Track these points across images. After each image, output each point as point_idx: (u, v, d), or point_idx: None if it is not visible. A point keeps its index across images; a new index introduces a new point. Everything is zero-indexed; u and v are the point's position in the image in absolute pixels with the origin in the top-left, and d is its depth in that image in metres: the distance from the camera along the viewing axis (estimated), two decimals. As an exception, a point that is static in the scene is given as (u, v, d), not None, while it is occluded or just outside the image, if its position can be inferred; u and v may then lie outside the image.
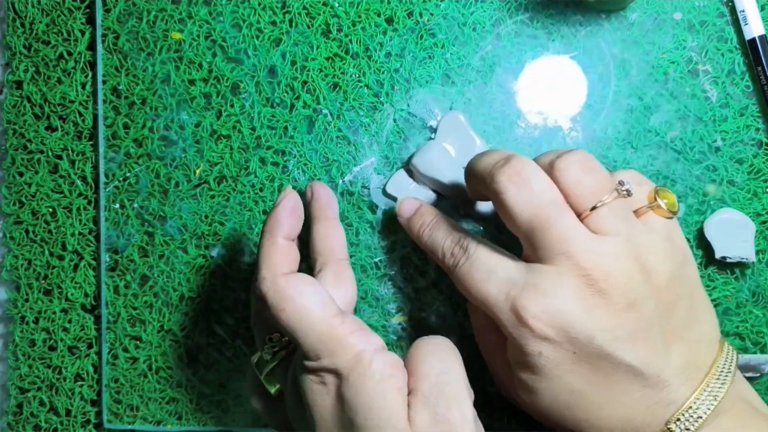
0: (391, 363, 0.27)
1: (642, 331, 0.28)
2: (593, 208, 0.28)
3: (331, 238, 0.34)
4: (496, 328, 0.31)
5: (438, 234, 0.33)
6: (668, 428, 0.28)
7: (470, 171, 0.32)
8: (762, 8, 0.36)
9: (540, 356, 0.28)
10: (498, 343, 0.32)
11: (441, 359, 0.28)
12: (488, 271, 0.30)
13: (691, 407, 0.28)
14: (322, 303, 0.27)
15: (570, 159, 0.29)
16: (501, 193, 0.29)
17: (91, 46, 0.40)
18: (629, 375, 0.28)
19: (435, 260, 0.34)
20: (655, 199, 0.30)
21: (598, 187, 0.29)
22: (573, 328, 0.27)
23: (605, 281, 0.28)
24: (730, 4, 0.37)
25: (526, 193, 0.28)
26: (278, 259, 0.29)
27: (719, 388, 0.28)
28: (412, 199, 0.36)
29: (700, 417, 0.27)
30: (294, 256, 0.31)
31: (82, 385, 0.42)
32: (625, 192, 0.29)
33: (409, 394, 0.27)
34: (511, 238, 0.38)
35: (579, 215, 0.29)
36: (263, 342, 0.31)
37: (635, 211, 0.30)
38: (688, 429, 0.27)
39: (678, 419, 0.28)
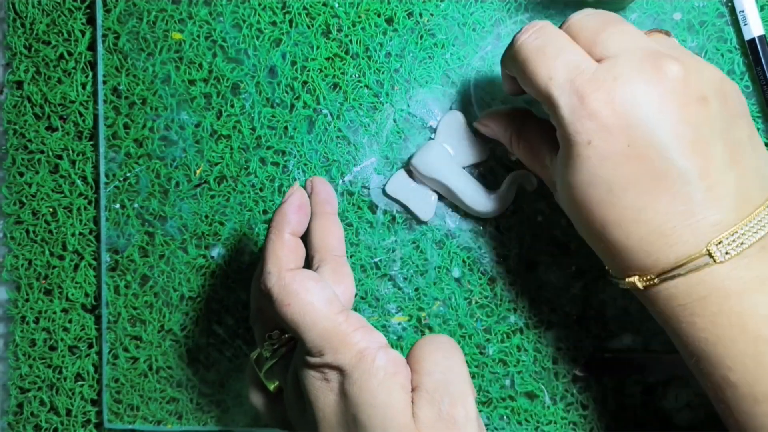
0: (395, 360, 0.27)
1: (705, 137, 0.26)
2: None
3: (330, 234, 0.34)
4: (539, 126, 0.32)
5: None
6: (708, 250, 0.26)
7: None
8: (761, 8, 0.36)
9: (589, 146, 0.27)
10: (538, 140, 0.32)
11: (445, 356, 0.28)
12: (560, 49, 0.28)
13: (736, 232, 0.26)
14: (327, 300, 0.28)
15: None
16: None
17: (92, 47, 0.40)
18: (679, 182, 0.26)
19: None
20: None
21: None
22: (637, 116, 0.26)
23: (683, 69, 0.27)
24: (729, 4, 0.37)
25: None
26: (284, 255, 0.29)
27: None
28: None
29: (743, 243, 0.26)
30: (300, 252, 0.31)
31: (82, 385, 0.42)
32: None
33: (412, 390, 0.27)
34: (511, 235, 0.38)
35: None
36: (263, 339, 0.31)
37: None
38: (728, 254, 0.26)
39: (720, 242, 0.26)
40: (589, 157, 0.27)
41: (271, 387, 0.31)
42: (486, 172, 0.38)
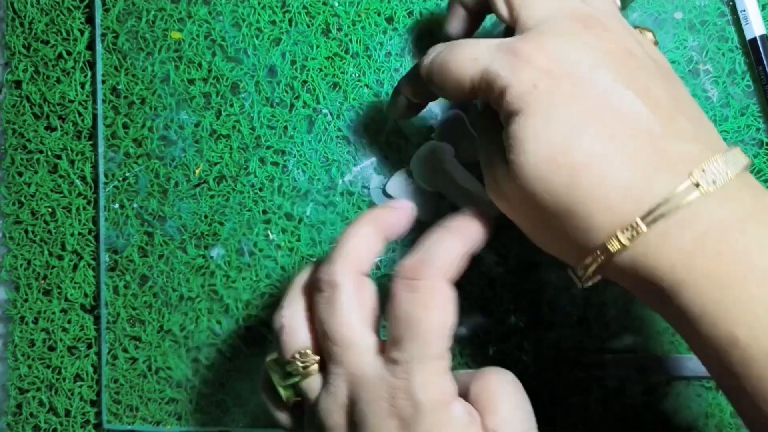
0: (470, 410, 0.26)
1: (644, 77, 0.25)
2: None
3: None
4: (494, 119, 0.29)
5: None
6: (691, 178, 0.24)
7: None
8: (763, 8, 0.36)
9: (535, 90, 0.25)
10: (496, 130, 0.29)
11: (520, 400, 0.28)
12: (476, 41, 0.28)
13: (715, 161, 0.24)
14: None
15: None
16: None
17: (91, 46, 0.40)
18: (631, 116, 0.25)
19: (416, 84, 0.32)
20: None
21: None
22: (571, 61, 0.25)
23: (604, 25, 0.26)
24: (730, 3, 0.37)
25: None
26: (362, 254, 0.28)
27: (743, 156, 0.25)
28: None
29: (727, 173, 0.24)
30: (375, 258, 0.29)
31: (81, 386, 0.42)
32: None
33: None
34: (511, 235, 0.38)
35: None
36: (291, 353, 0.28)
37: None
38: (714, 182, 0.24)
39: (703, 170, 0.24)
40: (539, 101, 0.25)
41: (288, 398, 0.29)
42: (486, 172, 0.38)
